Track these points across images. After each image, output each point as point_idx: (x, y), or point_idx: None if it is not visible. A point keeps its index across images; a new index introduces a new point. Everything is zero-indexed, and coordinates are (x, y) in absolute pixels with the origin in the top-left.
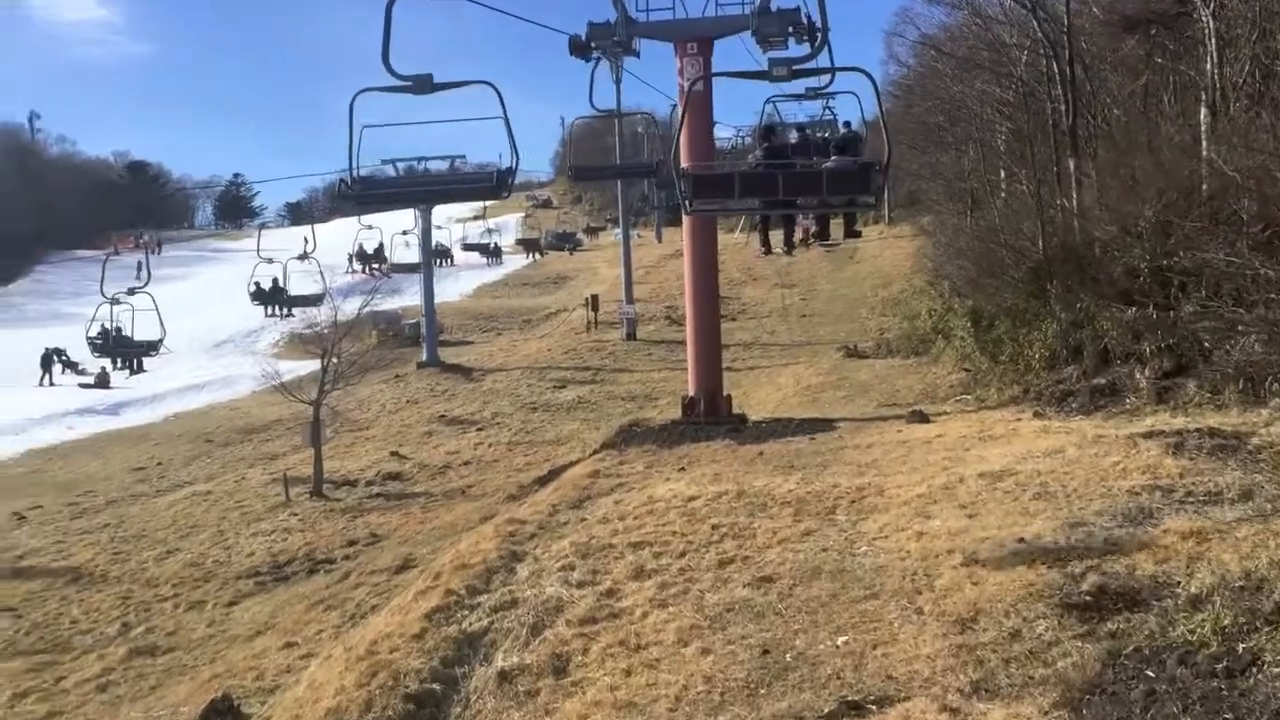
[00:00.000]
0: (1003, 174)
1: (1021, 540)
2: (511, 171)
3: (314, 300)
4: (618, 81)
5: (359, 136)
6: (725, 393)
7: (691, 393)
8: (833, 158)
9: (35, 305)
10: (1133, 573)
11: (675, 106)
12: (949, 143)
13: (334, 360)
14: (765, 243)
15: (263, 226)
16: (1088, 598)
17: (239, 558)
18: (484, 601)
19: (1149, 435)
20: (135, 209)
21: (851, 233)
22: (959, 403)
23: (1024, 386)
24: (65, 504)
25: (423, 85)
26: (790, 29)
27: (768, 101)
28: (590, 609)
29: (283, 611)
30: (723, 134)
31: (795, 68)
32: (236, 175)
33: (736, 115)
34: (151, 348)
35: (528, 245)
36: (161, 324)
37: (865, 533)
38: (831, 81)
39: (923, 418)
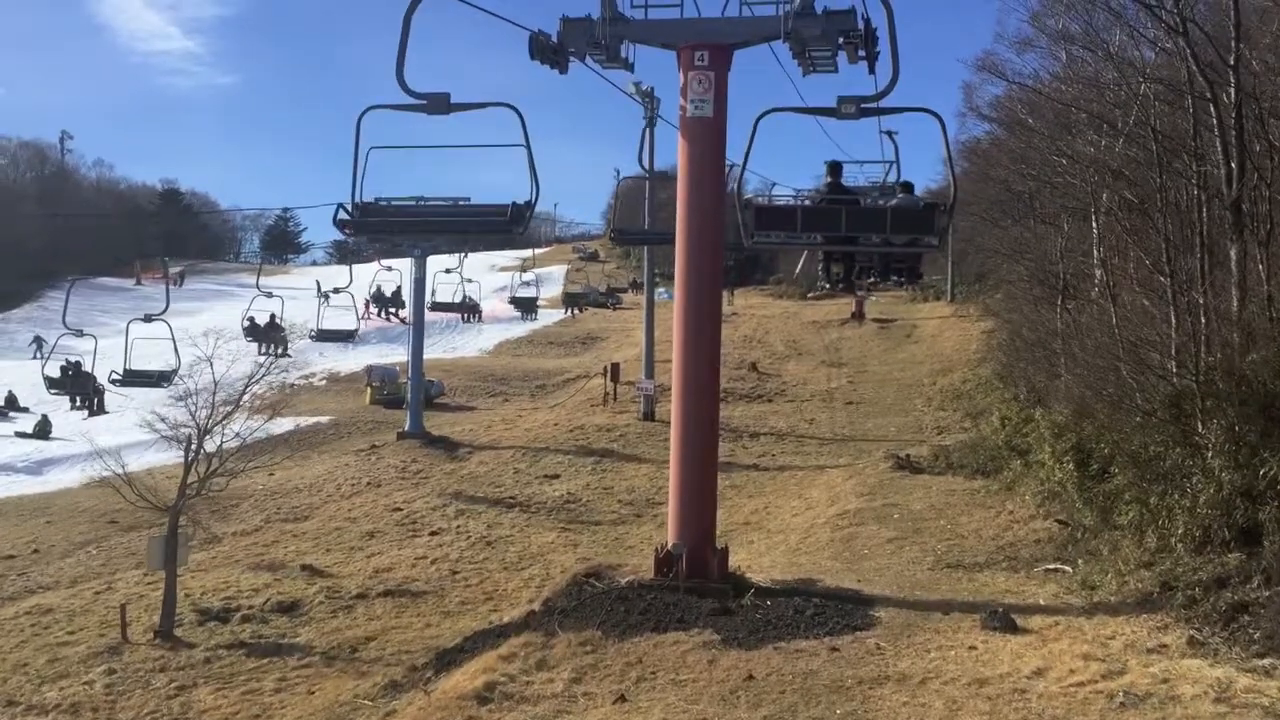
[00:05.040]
0: (1096, 255)
1: None
2: (530, 206)
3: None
4: (649, 124)
5: (364, 159)
6: (720, 544)
7: (670, 544)
8: (898, 195)
9: (29, 334)
10: None
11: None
12: (1037, 214)
13: (201, 452)
14: (831, 279)
15: (264, 263)
16: None
17: None
18: None
19: None
20: (172, 238)
21: (913, 275)
22: (1054, 578)
23: (1160, 576)
24: None
25: (438, 104)
26: (840, 39)
27: (829, 165)
28: None
29: None
30: (782, 192)
31: (864, 105)
32: (286, 210)
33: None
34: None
35: (567, 301)
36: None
37: None
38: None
39: (1008, 623)
